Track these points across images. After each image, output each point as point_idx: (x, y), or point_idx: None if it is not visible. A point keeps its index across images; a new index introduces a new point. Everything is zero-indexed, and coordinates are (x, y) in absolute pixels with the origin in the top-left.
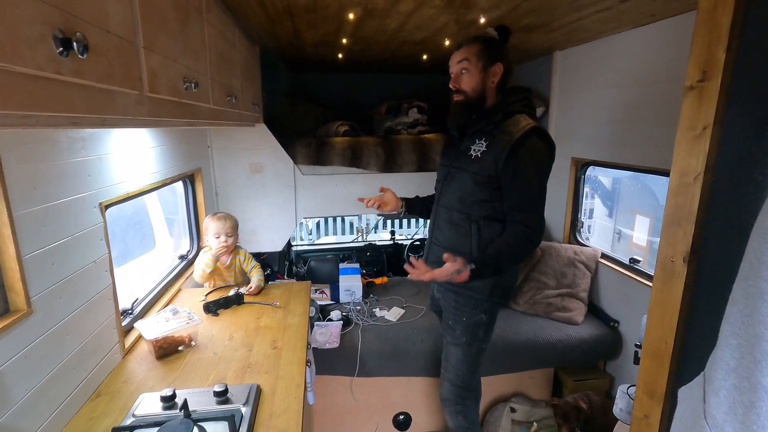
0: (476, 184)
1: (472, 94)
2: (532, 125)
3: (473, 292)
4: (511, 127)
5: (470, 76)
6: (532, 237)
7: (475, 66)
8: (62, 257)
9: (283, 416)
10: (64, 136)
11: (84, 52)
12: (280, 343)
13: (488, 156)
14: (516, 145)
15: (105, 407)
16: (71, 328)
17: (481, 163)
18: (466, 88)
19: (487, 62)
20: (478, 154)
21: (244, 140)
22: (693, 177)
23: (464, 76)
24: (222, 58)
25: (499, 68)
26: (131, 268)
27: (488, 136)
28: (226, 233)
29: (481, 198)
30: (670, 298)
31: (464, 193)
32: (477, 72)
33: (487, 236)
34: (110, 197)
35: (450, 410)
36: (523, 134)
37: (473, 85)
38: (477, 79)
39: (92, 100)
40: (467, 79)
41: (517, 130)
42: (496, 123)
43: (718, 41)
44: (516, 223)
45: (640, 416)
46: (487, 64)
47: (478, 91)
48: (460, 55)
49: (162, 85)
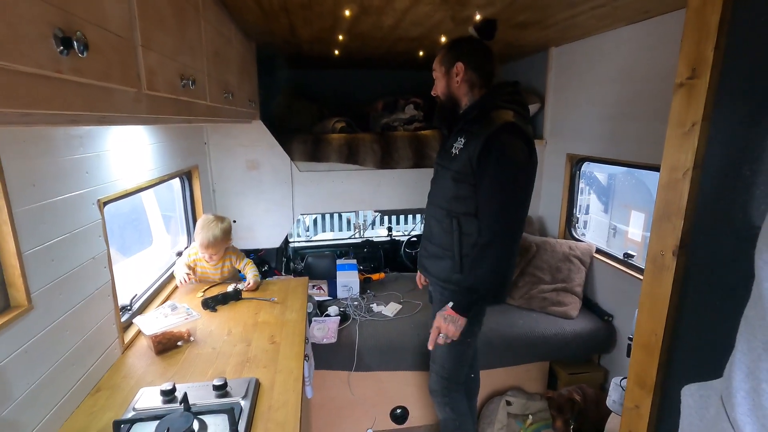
0: (454, 181)
1: (444, 98)
2: (505, 121)
3: (457, 286)
4: (486, 124)
5: (438, 81)
6: (505, 242)
7: (440, 71)
8: (61, 253)
9: (281, 409)
10: (61, 134)
11: (84, 51)
12: (278, 338)
13: (464, 153)
14: (487, 142)
15: (105, 401)
16: (71, 324)
17: (458, 160)
18: (438, 93)
19: (448, 65)
20: (457, 151)
21: (240, 137)
22: (682, 172)
23: (436, 82)
24: (218, 55)
25: (460, 67)
26: (129, 264)
27: (467, 133)
28: (209, 252)
29: (460, 194)
30: (660, 292)
31: (446, 189)
32: (441, 76)
33: (467, 231)
34: (108, 194)
35: (438, 401)
36: (494, 131)
37: (441, 89)
38: (443, 83)
39: (91, 98)
40: (437, 85)
41: (490, 127)
42: (473, 120)
43: (707, 39)
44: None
45: (631, 406)
46: (449, 67)
47: (447, 94)
48: (434, 64)
49: (160, 82)
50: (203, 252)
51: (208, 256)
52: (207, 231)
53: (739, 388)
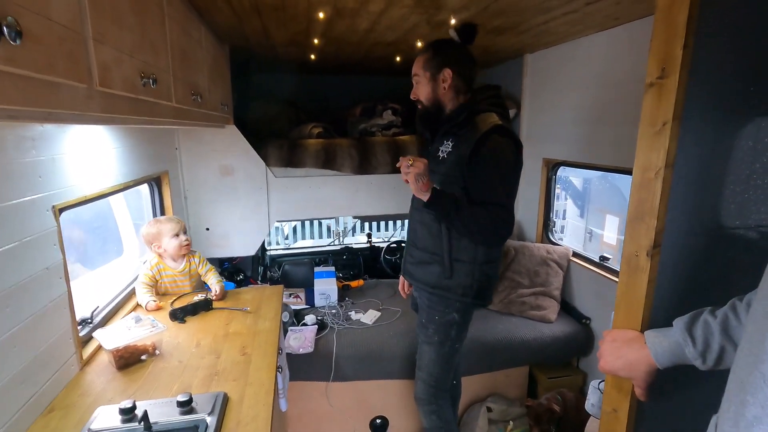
0: (444, 184)
1: (427, 103)
2: (495, 123)
3: (446, 291)
4: (475, 126)
5: (421, 86)
6: (499, 226)
7: (424, 76)
8: (9, 264)
9: (251, 424)
10: (10, 135)
11: (17, 38)
12: (249, 349)
13: (453, 156)
14: (478, 144)
15: (58, 423)
16: (19, 340)
17: (447, 163)
18: (421, 98)
19: (434, 70)
20: (445, 155)
21: (213, 142)
22: (654, 172)
23: (417, 86)
24: (185, 55)
25: (448, 73)
26: (97, 275)
27: (454, 137)
28: (183, 230)
29: None
30: (635, 293)
31: None
32: (426, 82)
33: (456, 235)
34: (65, 200)
35: (424, 410)
36: (484, 133)
37: (425, 94)
38: (428, 88)
39: (31, 92)
40: (419, 90)
41: (480, 129)
42: (460, 124)
43: (675, 38)
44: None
45: (609, 410)
46: (435, 72)
47: (432, 99)
48: (413, 68)
49: (115, 79)
50: (175, 240)
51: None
52: (170, 220)
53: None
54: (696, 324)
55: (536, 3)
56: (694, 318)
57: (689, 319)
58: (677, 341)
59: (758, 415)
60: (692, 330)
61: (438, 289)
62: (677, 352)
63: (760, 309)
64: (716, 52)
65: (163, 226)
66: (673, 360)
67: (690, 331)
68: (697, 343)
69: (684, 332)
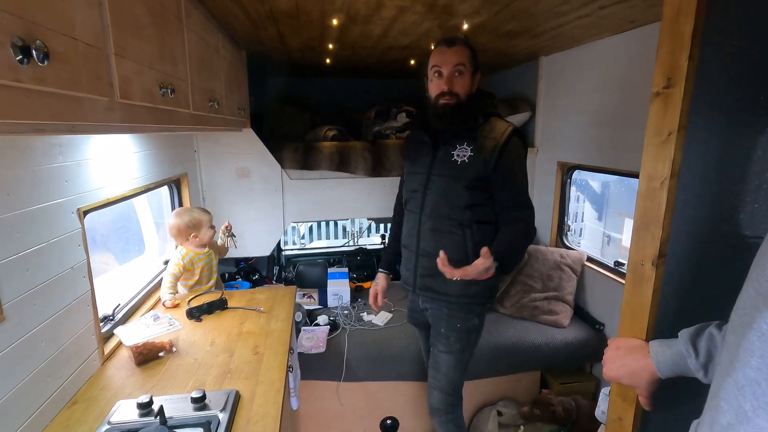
0: (466, 189)
1: (464, 98)
2: (513, 127)
3: (471, 299)
4: (494, 130)
5: (464, 79)
6: (531, 232)
7: (468, 70)
8: (37, 264)
9: (260, 422)
10: (39, 142)
11: (44, 60)
12: (261, 348)
13: (477, 160)
14: (503, 148)
15: (81, 415)
16: (46, 336)
17: (469, 168)
18: (459, 91)
19: (474, 68)
20: (465, 159)
21: (230, 144)
22: (660, 182)
23: (458, 78)
24: (203, 63)
25: (478, 76)
26: (120, 272)
27: (471, 140)
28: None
29: (472, 202)
30: (640, 301)
31: (453, 199)
32: (469, 76)
33: (480, 240)
34: (89, 203)
35: (441, 420)
36: (508, 136)
37: (466, 89)
38: (469, 83)
39: (57, 107)
40: (461, 83)
41: (501, 132)
42: (476, 127)
43: (681, 49)
44: (515, 221)
45: (615, 418)
46: (474, 71)
47: (468, 95)
48: (456, 57)
49: (135, 91)
50: (211, 231)
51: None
52: (203, 211)
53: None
54: (701, 336)
55: (549, 7)
56: (700, 330)
57: (695, 330)
58: (680, 352)
59: (731, 422)
60: (696, 342)
61: (462, 298)
62: (680, 363)
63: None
64: (722, 62)
65: (202, 216)
66: (675, 371)
67: (694, 343)
68: (700, 354)
69: (688, 343)
